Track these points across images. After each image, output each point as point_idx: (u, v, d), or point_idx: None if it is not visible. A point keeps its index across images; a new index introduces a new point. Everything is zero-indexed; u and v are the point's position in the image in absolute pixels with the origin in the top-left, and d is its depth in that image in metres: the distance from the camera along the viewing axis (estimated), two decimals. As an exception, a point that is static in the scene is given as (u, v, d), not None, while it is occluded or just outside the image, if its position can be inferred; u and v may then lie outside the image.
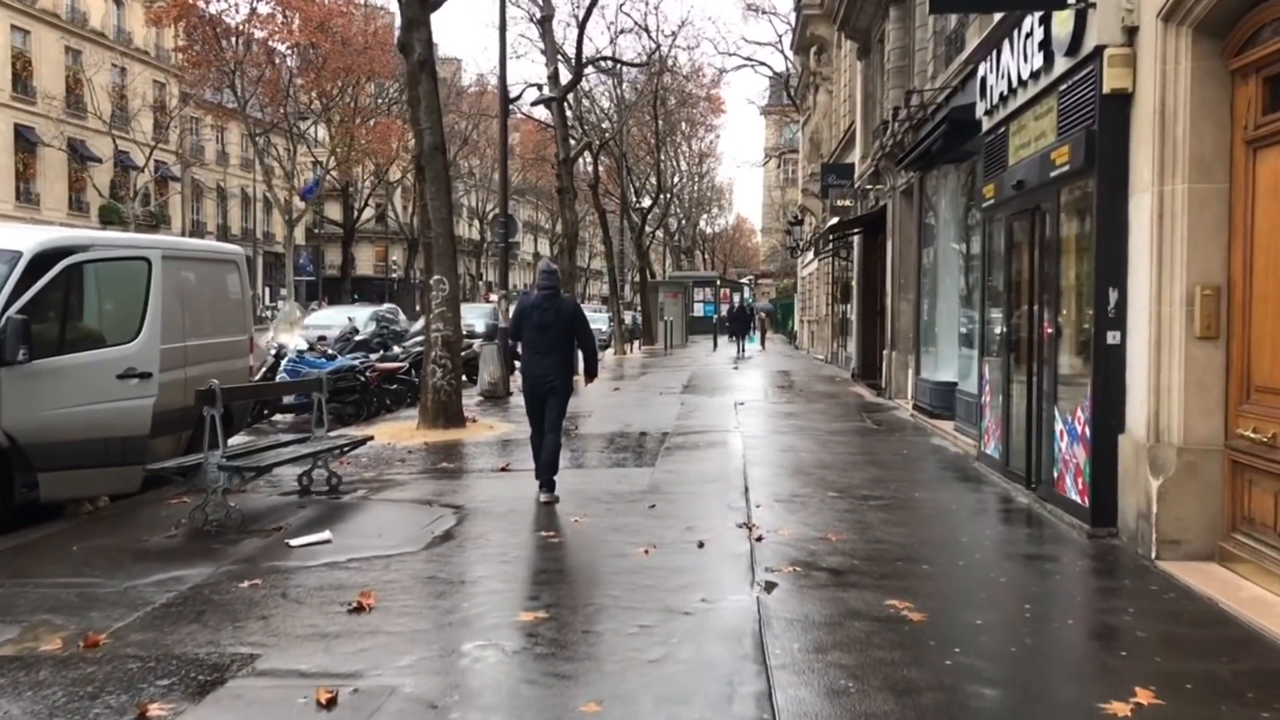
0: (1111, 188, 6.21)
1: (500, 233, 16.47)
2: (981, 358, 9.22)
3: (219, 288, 9.82)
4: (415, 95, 11.83)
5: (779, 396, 16.26)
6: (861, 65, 18.84)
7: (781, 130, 72.08)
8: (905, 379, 14.47)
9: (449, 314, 11.91)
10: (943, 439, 10.72)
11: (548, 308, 7.58)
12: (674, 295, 39.40)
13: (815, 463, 9.26)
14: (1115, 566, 5.76)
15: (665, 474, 8.71)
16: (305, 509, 7.46)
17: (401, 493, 8.12)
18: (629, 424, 12.28)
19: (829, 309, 25.24)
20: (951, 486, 8.33)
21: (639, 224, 35.70)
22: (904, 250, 14.91)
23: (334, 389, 13.39)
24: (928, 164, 12.07)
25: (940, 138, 10.15)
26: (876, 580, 5.38)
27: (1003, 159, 8.36)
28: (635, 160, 44.26)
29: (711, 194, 73.16)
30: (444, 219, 11.95)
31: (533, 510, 7.31)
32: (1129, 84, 6.08)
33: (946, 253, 12.01)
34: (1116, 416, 6.22)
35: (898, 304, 15.04)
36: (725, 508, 7.26)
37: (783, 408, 14.44)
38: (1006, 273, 8.23)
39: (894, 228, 15.15)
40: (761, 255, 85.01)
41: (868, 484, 8.21)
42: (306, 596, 5.22)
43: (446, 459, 9.84)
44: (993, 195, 8.43)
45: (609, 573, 5.60)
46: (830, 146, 24.27)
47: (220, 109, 48.96)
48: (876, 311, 18.27)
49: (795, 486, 8.12)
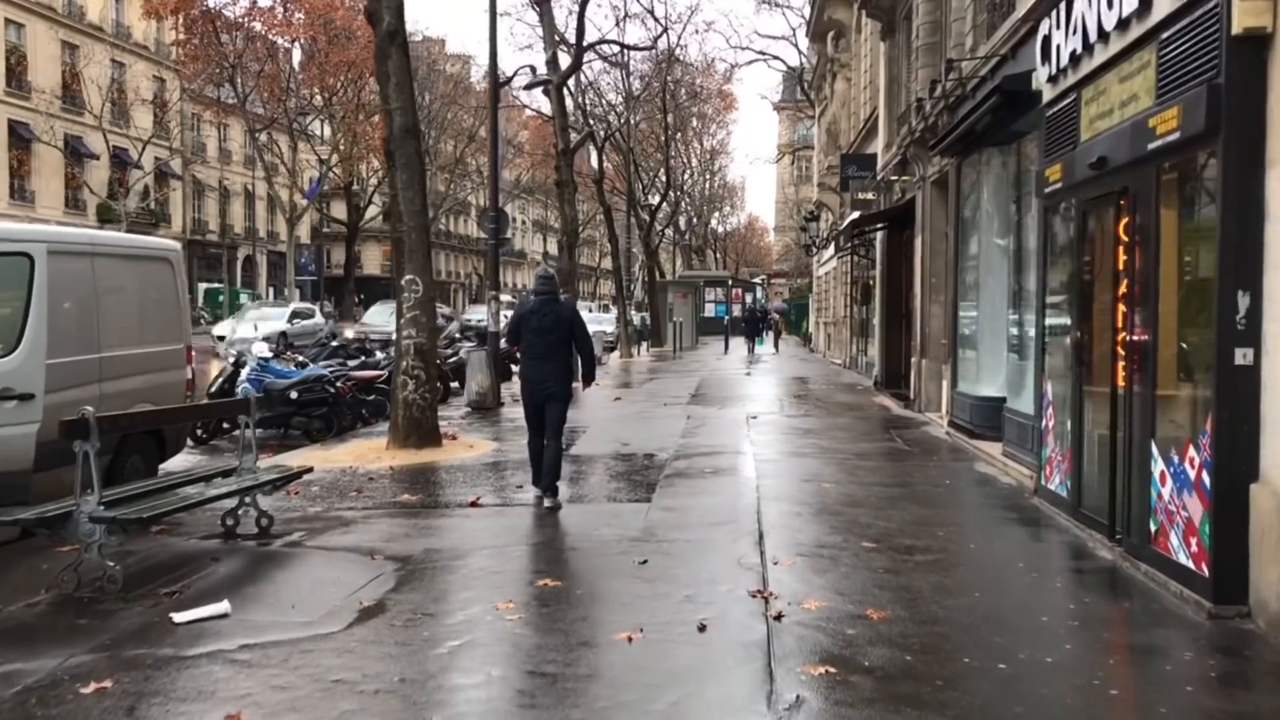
0: (1243, 160, 4.74)
1: (490, 227, 15.07)
2: (1040, 371, 7.76)
3: (148, 289, 8.45)
4: (384, 71, 10.43)
5: (796, 408, 14.79)
6: (885, 46, 17.34)
7: (795, 126, 70.49)
8: (937, 391, 12.98)
9: (423, 318, 10.50)
10: (988, 465, 9.25)
11: (546, 313, 7.51)
12: (683, 295, 37.87)
13: (843, 497, 7.80)
14: (1258, 667, 4.29)
15: (663, 512, 7.27)
16: (220, 561, 6.06)
17: (344, 536, 6.71)
18: (627, 443, 10.84)
19: (847, 311, 23.74)
20: (1011, 533, 6.86)
21: (647, 221, 34.24)
22: (935, 246, 13.41)
23: (301, 401, 12.07)
24: (968, 147, 10.59)
25: (987, 113, 8.67)
26: (941, 692, 3.93)
27: (1072, 134, 6.89)
28: (644, 156, 42.86)
29: (723, 192, 71.70)
30: (417, 211, 10.54)
31: (492, 563, 5.90)
32: (1269, 21, 4.61)
33: (989, 248, 10.53)
34: (1247, 459, 4.76)
35: (928, 306, 13.56)
36: (734, 564, 5.82)
37: (800, 422, 12.97)
38: (1077, 270, 6.76)
39: (924, 221, 13.67)
40: (774, 255, 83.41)
41: (909, 528, 6.74)
42: (159, 716, 3.81)
43: (411, 488, 8.43)
44: (1058, 178, 6.96)
45: (576, 679, 4.16)
46: (849, 137, 22.77)
47: (219, 105, 47.72)
48: (901, 315, 16.77)
49: (821, 532, 6.66)
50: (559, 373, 7.56)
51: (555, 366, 7.53)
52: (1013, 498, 7.86)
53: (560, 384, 7.56)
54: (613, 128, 29.99)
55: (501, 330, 12.52)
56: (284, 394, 11.88)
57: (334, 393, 12.15)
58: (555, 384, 7.53)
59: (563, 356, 7.59)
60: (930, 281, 13.48)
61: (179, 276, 8.83)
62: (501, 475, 8.95)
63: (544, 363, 7.51)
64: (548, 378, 7.50)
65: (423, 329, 10.49)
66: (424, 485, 8.62)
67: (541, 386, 7.50)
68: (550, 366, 7.51)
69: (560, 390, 7.57)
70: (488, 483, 8.58)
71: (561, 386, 7.58)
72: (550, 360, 7.52)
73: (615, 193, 39.18)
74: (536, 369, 7.54)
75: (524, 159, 66.07)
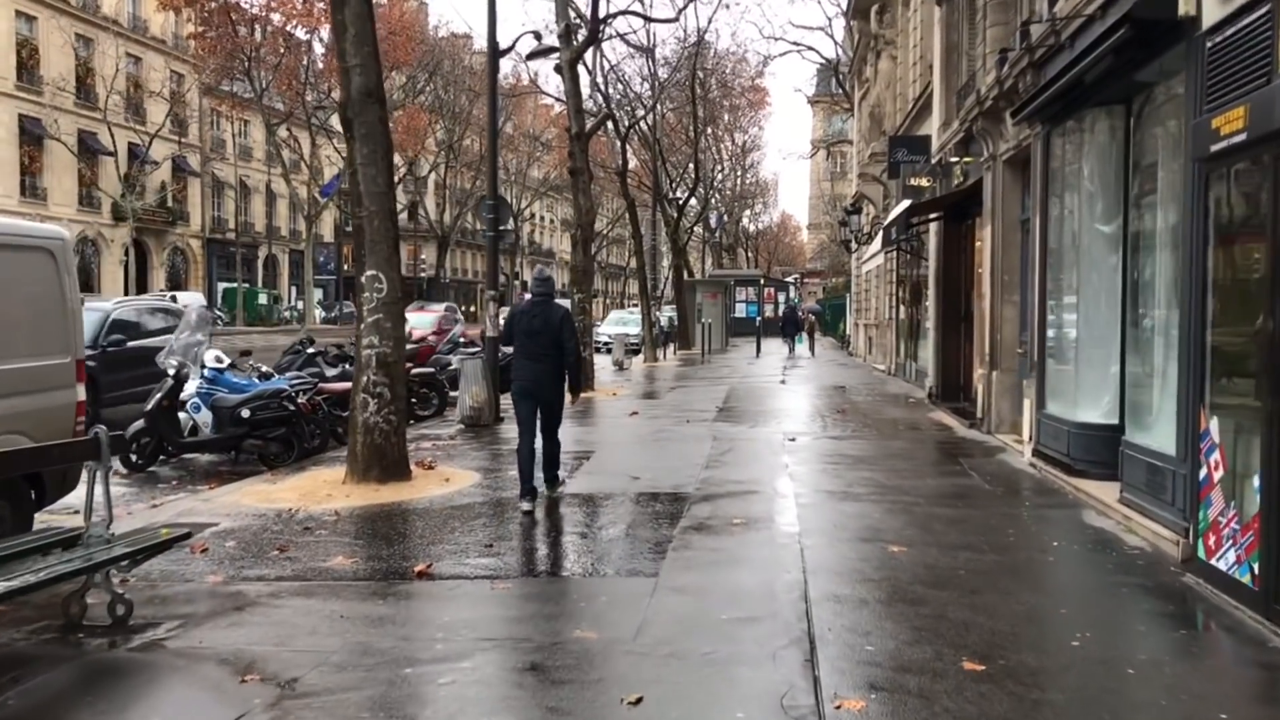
0: None
1: (488, 218, 13.13)
2: (1192, 395, 5.66)
3: (19, 289, 6.61)
4: (340, 20, 8.50)
5: (841, 427, 12.71)
6: (941, 12, 15.20)
7: (830, 120, 68.11)
8: (1012, 410, 10.84)
9: (387, 323, 8.58)
10: (1102, 515, 7.14)
11: (536, 314, 7.49)
12: (713, 295, 35.81)
13: (920, 571, 5.72)
14: None
15: (673, 595, 5.26)
16: (20, 684, 4.16)
17: (228, 631, 4.78)
18: (637, 476, 8.83)
19: (892, 312, 21.57)
20: (1177, 641, 4.76)
21: (674, 217, 32.19)
22: (1009, 237, 11.28)
23: (255, 420, 10.23)
24: (1065, 109, 8.47)
25: (1108, 54, 6.56)
26: None
27: (1259, 66, 4.81)
28: (671, 150, 40.84)
29: (755, 189, 69.54)
30: (380, 193, 8.60)
31: (413, 692, 3.94)
32: None
33: (1090, 235, 8.40)
34: None
35: (999, 308, 11.43)
36: (774, 706, 3.81)
37: (849, 447, 10.88)
38: (1274, 252, 4.66)
39: (994, 207, 11.54)
40: (808, 253, 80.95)
41: (1027, 630, 4.68)
42: None
43: (352, 545, 6.51)
44: (1239, 127, 4.86)
45: None
46: (895, 121, 20.60)
47: (235, 99, 46.44)
48: (960, 318, 14.65)
49: (899, 639, 4.60)
50: (550, 375, 7.47)
51: (547, 369, 7.45)
52: (1153, 572, 5.74)
53: (552, 388, 7.51)
54: (637, 117, 27.96)
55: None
56: (233, 412, 10.04)
57: (294, 410, 10.27)
58: (548, 387, 7.48)
59: (555, 359, 7.48)
60: (1002, 279, 11.36)
61: (65, 272, 6.95)
62: (471, 526, 6.99)
63: (535, 364, 7.45)
64: (538, 378, 7.45)
65: (387, 337, 8.56)
66: (370, 540, 6.68)
67: (533, 388, 7.45)
68: (541, 368, 7.44)
69: (551, 394, 7.52)
70: (451, 538, 6.63)
71: (554, 390, 7.53)
72: (541, 362, 7.44)
73: (642, 187, 37.15)
74: (528, 370, 7.47)
75: (551, 155, 64.36)
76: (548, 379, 7.46)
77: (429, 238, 65.84)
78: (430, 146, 55.74)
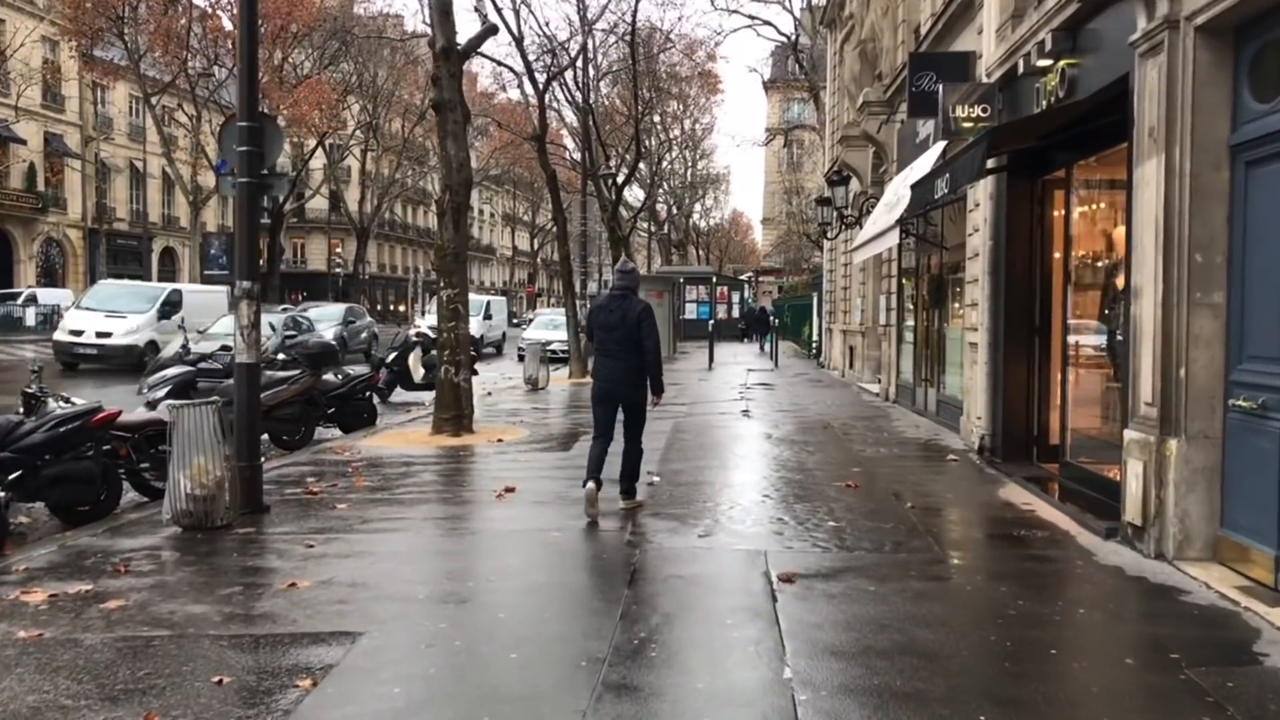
0: None
1: (243, 151, 7.29)
2: None
3: None
4: None
5: (867, 536, 7.11)
6: None
7: (787, 106, 63.02)
8: (1213, 514, 5.38)
9: None
10: None
11: (614, 309, 7.33)
12: (659, 295, 30.11)
13: None
14: None
15: None
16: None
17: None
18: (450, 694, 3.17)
19: (891, 315, 16.13)
20: None
21: (611, 200, 26.48)
22: (1203, 180, 5.83)
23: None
24: None
25: None
26: None
27: None
28: (612, 129, 35.21)
29: (707, 180, 64.22)
30: None
31: None
32: None
33: None
34: None
35: (1181, 316, 5.95)
36: None
37: (910, 626, 5.30)
38: None
39: (1171, 122, 6.04)
40: (762, 250, 75.79)
41: None
42: None
43: None
44: None
45: None
46: (900, 57, 15.12)
47: (110, 67, 39.84)
48: (1035, 329, 9.21)
49: None
50: (629, 374, 7.25)
51: (625, 366, 7.25)
52: None
53: (632, 386, 7.28)
54: (560, 67, 22.22)
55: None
56: None
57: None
58: (626, 385, 7.28)
59: (633, 357, 7.21)
60: (1190, 261, 5.87)
61: None
62: None
63: (612, 361, 7.31)
64: (616, 377, 7.29)
65: None
66: None
67: (610, 386, 7.33)
68: (618, 366, 7.27)
69: (631, 394, 7.31)
70: None
71: (633, 389, 7.30)
72: (617, 359, 7.27)
73: (575, 168, 31.44)
74: (605, 367, 7.38)
75: (488, 142, 58.41)
76: (625, 378, 7.23)
77: (349, 231, 59.68)
78: (345, 122, 49.37)
